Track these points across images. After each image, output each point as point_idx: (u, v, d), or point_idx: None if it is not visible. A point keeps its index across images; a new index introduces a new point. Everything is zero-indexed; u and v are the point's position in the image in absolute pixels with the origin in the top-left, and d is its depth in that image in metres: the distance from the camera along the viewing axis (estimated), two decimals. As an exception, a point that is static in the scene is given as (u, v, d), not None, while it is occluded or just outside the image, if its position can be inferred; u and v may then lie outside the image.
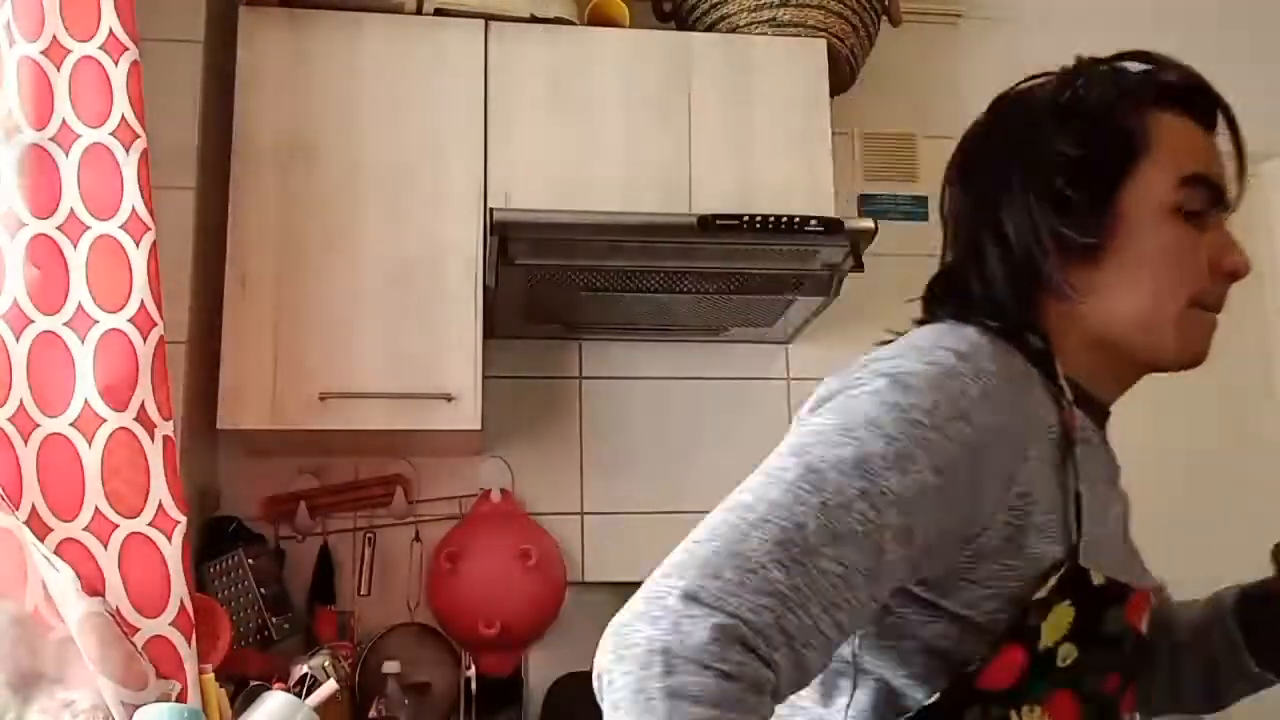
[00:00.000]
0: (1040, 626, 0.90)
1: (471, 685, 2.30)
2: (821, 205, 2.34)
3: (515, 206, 2.23)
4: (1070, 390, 0.98)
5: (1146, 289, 1.00)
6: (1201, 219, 1.01)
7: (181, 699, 1.61)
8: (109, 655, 1.53)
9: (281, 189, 2.22)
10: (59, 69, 1.73)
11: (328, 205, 2.23)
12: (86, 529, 1.61)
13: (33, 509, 1.59)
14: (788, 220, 2.15)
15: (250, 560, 2.22)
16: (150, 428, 1.67)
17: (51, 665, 1.56)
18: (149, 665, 1.58)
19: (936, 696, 0.90)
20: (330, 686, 1.74)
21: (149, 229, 1.74)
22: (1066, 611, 0.91)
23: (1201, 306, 1.01)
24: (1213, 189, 1.01)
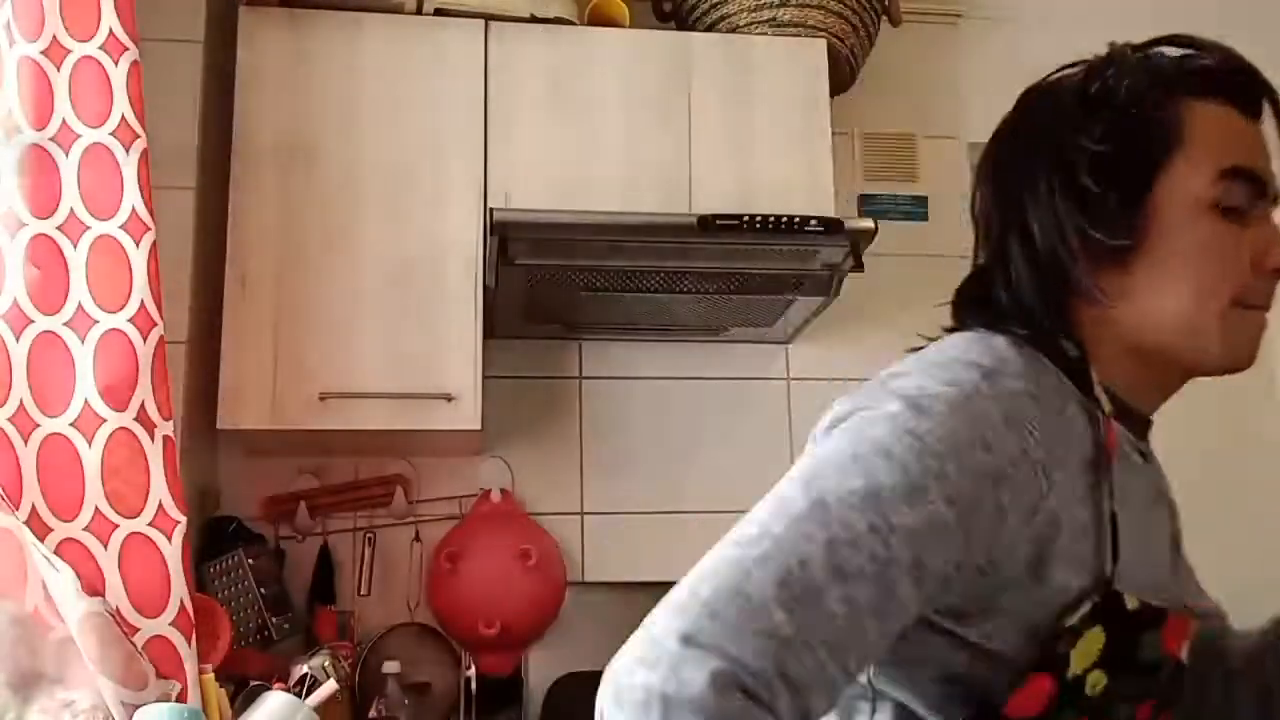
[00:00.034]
0: (1070, 654, 0.86)
1: (471, 685, 2.29)
2: (821, 205, 2.34)
3: (515, 206, 2.23)
4: (1109, 402, 0.94)
5: (1186, 290, 0.94)
6: (1244, 214, 0.94)
7: (181, 699, 1.61)
8: (109, 655, 1.53)
9: (281, 189, 2.22)
10: (59, 69, 1.73)
11: (328, 205, 2.23)
12: (86, 529, 1.61)
13: (33, 509, 1.59)
14: (788, 220, 2.15)
15: (250, 560, 2.22)
16: (150, 428, 1.68)
17: (51, 665, 1.56)
18: (149, 665, 1.58)
19: None
20: (330, 686, 1.74)
21: (149, 229, 1.74)
22: (1097, 637, 0.87)
23: (1245, 305, 0.94)
24: (1255, 181, 0.95)
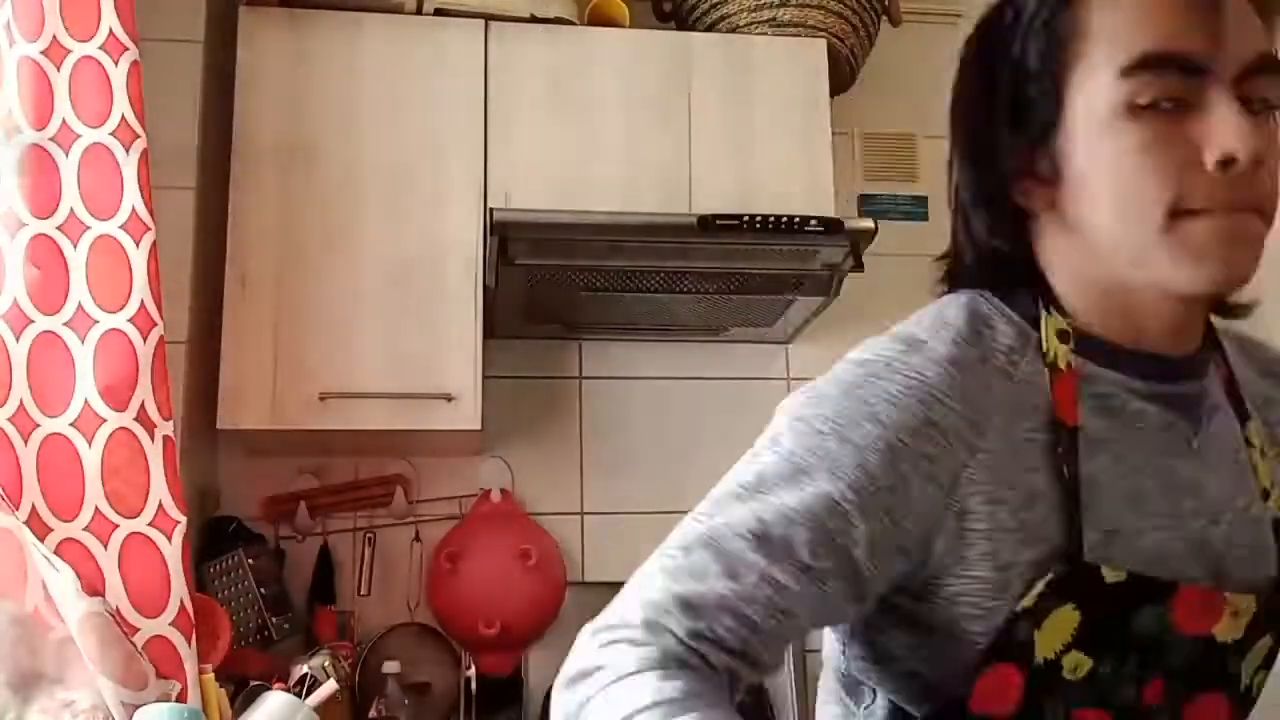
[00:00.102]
0: (1033, 639, 0.80)
1: (471, 685, 2.30)
2: (821, 205, 2.34)
3: (515, 206, 2.23)
4: (1070, 351, 0.85)
5: (1113, 213, 0.81)
6: (1180, 105, 0.79)
7: (181, 699, 1.61)
8: (109, 655, 1.53)
9: (281, 189, 2.22)
10: (59, 69, 1.73)
11: (328, 205, 2.23)
12: (86, 529, 1.61)
13: (33, 509, 1.59)
14: (788, 220, 2.15)
15: (250, 560, 2.22)
16: (150, 428, 1.68)
17: (51, 665, 1.56)
18: (149, 665, 1.58)
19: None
20: (330, 686, 1.75)
21: (149, 229, 1.74)
22: (1069, 616, 0.80)
23: (1192, 212, 0.79)
24: (1178, 63, 0.78)
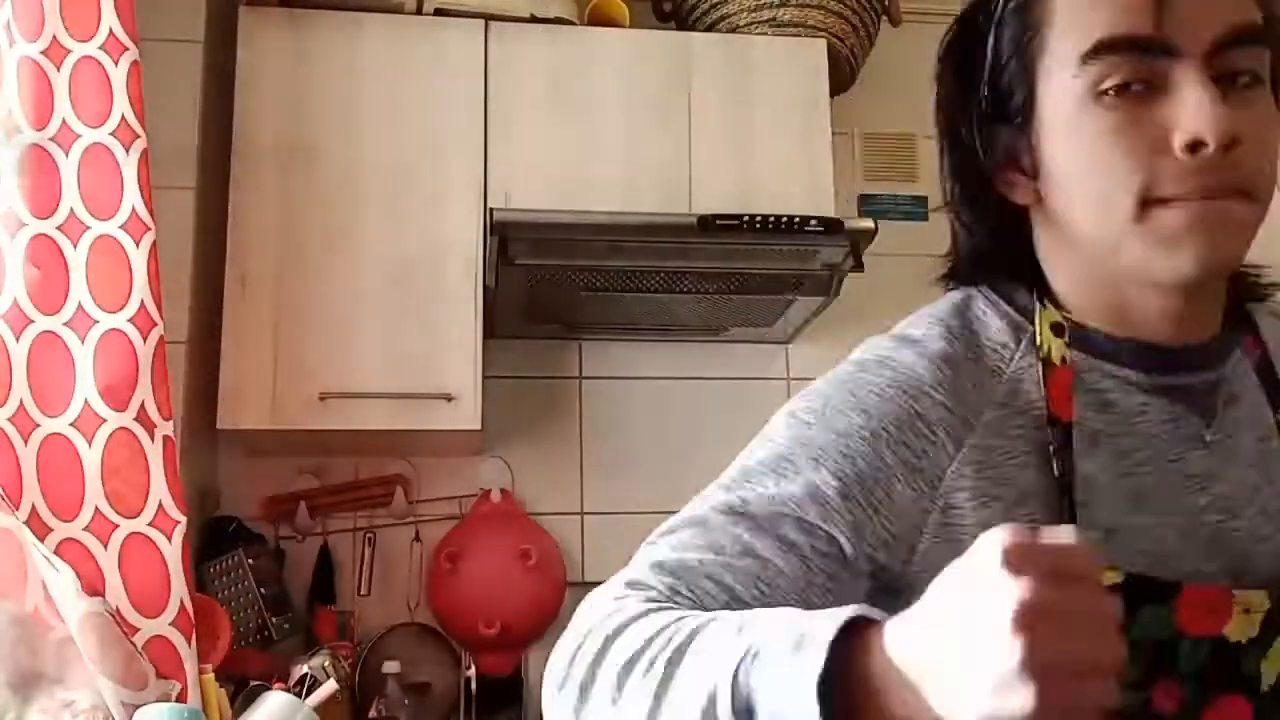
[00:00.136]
0: None
1: (471, 685, 2.29)
2: (821, 205, 2.34)
3: (515, 206, 2.23)
4: (1067, 345, 0.83)
5: (1087, 205, 0.79)
6: (1149, 88, 0.76)
7: (181, 699, 1.61)
8: (109, 655, 1.53)
9: (281, 189, 2.22)
10: (59, 69, 1.73)
11: (328, 205, 2.23)
12: (86, 529, 1.61)
13: (33, 509, 1.59)
14: (788, 220, 2.15)
15: (250, 560, 2.22)
16: (150, 428, 1.68)
17: (51, 665, 1.56)
18: (149, 665, 1.58)
19: None
20: (330, 686, 1.75)
21: (149, 229, 1.74)
22: None
23: (1163, 200, 0.76)
24: (1136, 46, 0.76)
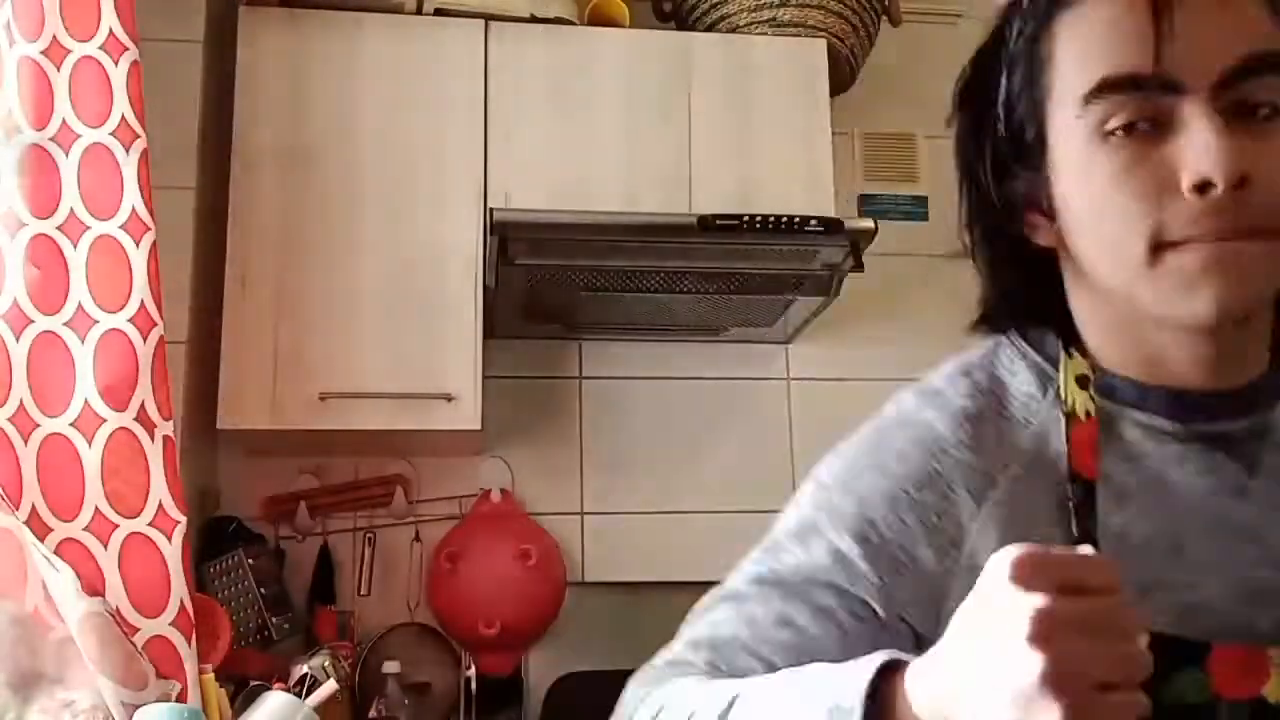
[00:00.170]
0: None
1: (471, 685, 2.29)
2: (821, 205, 2.34)
3: (515, 206, 2.23)
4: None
5: (1100, 249, 0.76)
6: (1157, 127, 0.72)
7: (181, 699, 1.60)
8: (109, 655, 1.53)
9: (281, 189, 2.22)
10: (59, 69, 1.73)
11: (328, 205, 2.23)
12: (86, 529, 1.61)
13: (33, 509, 1.59)
14: (788, 220, 2.15)
15: (250, 560, 2.22)
16: (150, 428, 1.67)
17: (51, 665, 1.56)
18: (149, 665, 1.58)
19: None
20: (330, 686, 1.74)
21: (149, 229, 1.74)
22: None
23: (1172, 243, 0.72)
24: (1136, 85, 0.72)
